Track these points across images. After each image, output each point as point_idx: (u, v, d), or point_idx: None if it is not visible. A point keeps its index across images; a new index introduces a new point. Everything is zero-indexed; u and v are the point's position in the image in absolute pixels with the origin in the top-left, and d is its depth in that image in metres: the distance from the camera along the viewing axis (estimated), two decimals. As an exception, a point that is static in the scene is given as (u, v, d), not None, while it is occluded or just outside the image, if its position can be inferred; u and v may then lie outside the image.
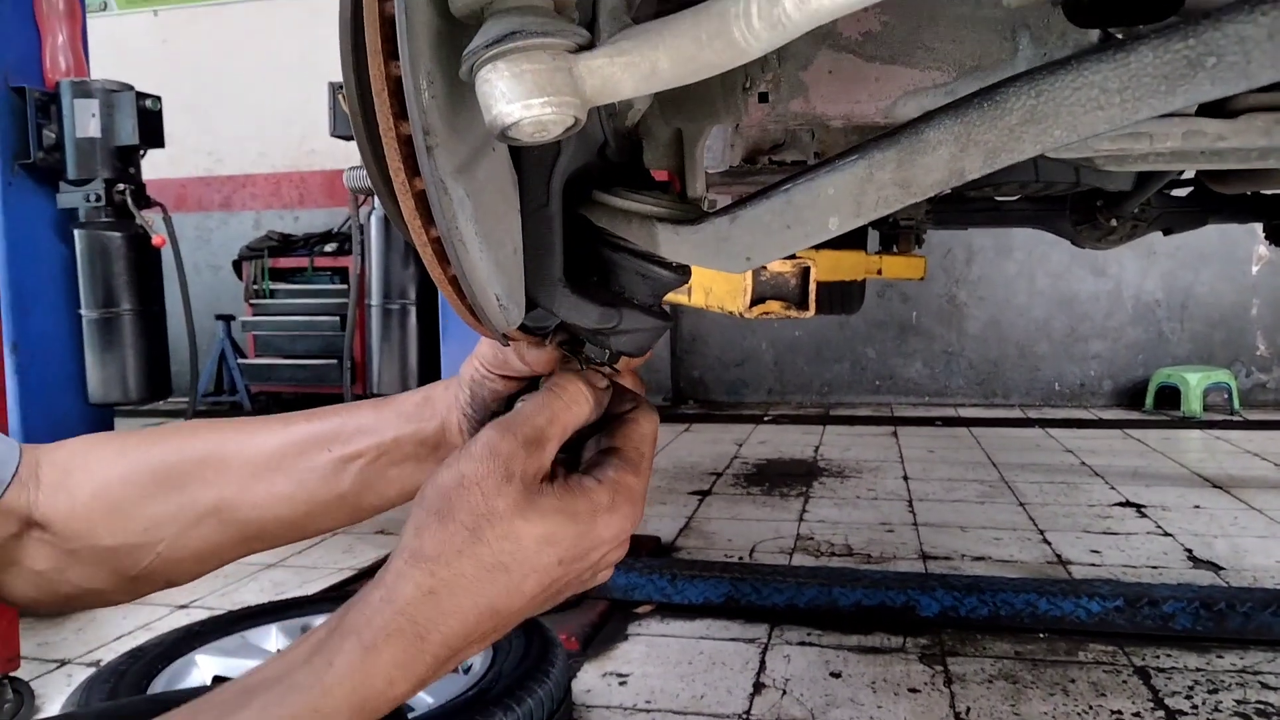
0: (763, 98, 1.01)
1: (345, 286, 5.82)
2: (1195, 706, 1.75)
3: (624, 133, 0.57)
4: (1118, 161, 1.19)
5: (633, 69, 0.39)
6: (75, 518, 0.63)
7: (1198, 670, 1.90)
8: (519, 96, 0.38)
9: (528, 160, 0.50)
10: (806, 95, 1.01)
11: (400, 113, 0.42)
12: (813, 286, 1.32)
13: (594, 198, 0.52)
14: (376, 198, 2.56)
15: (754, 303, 1.28)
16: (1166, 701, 1.77)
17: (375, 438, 0.65)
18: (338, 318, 5.73)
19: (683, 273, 0.53)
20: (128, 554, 0.64)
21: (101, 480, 0.64)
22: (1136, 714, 1.72)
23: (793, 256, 1.30)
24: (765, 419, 5.51)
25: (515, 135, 0.40)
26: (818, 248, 2.11)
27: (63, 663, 2.08)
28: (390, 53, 0.41)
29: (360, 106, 0.47)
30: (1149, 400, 5.43)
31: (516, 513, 0.46)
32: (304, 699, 0.43)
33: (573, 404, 0.52)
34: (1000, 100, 0.42)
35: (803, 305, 1.31)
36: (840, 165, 0.45)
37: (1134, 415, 5.33)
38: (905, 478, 3.73)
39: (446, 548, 0.46)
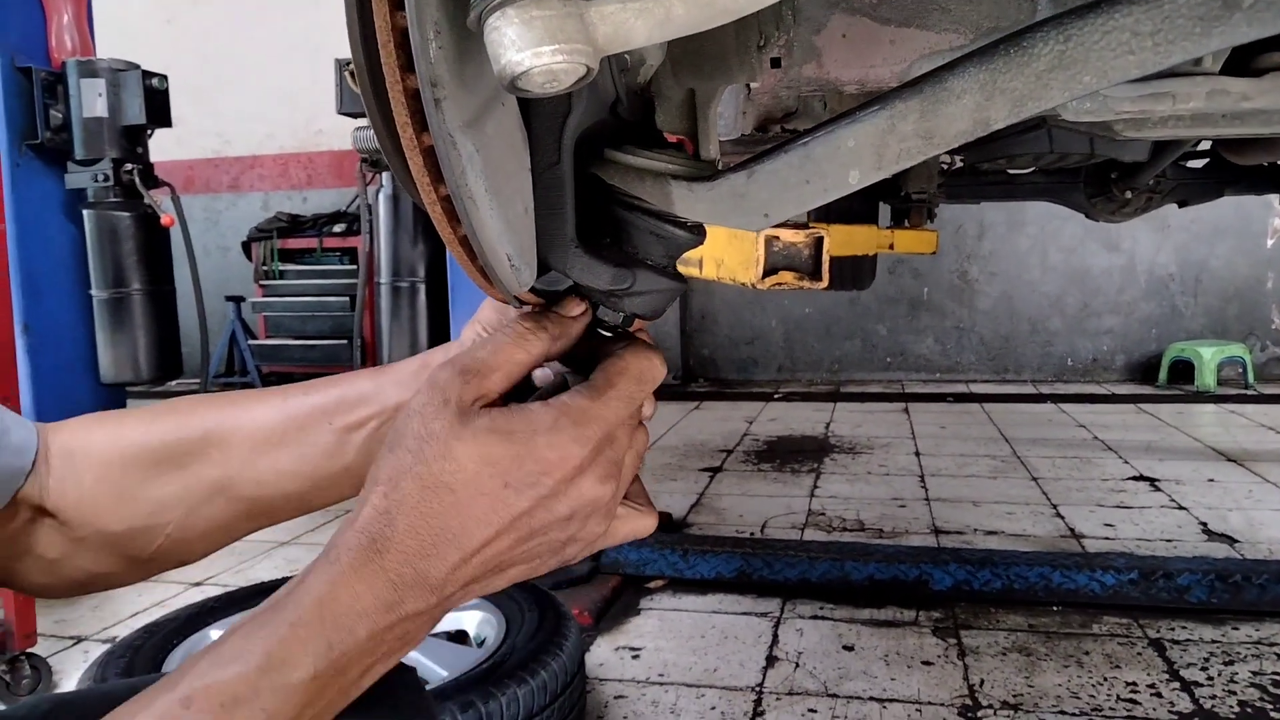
0: (775, 63, 0.99)
1: (354, 266, 5.81)
2: (1211, 678, 1.74)
3: (636, 90, 0.56)
4: (1136, 126, 1.16)
5: (646, 15, 0.38)
6: (83, 504, 0.62)
7: (1213, 642, 1.89)
8: (529, 44, 0.37)
9: (538, 116, 0.49)
10: (820, 60, 0.99)
11: (407, 65, 0.41)
12: (826, 257, 1.30)
13: (606, 156, 0.51)
14: (385, 167, 2.54)
15: (766, 273, 1.27)
16: (1182, 673, 1.76)
17: (376, 406, 0.64)
18: (347, 298, 5.73)
19: (698, 232, 0.52)
20: (136, 537, 0.63)
21: (103, 463, 0.63)
22: (1151, 685, 1.72)
23: (805, 226, 1.28)
24: (776, 396, 5.50)
25: (525, 86, 0.38)
26: (829, 221, 2.08)
27: (79, 639, 2.10)
28: (396, 2, 0.40)
29: (365, 61, 0.46)
30: (1162, 375, 5.40)
31: (450, 434, 0.47)
32: (281, 615, 0.45)
33: (521, 339, 0.51)
34: (1027, 46, 0.41)
35: (816, 276, 1.29)
36: (861, 117, 0.43)
37: (1147, 390, 5.29)
38: (917, 453, 3.72)
39: (395, 470, 0.48)
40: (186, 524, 0.64)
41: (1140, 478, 3.21)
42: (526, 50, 0.37)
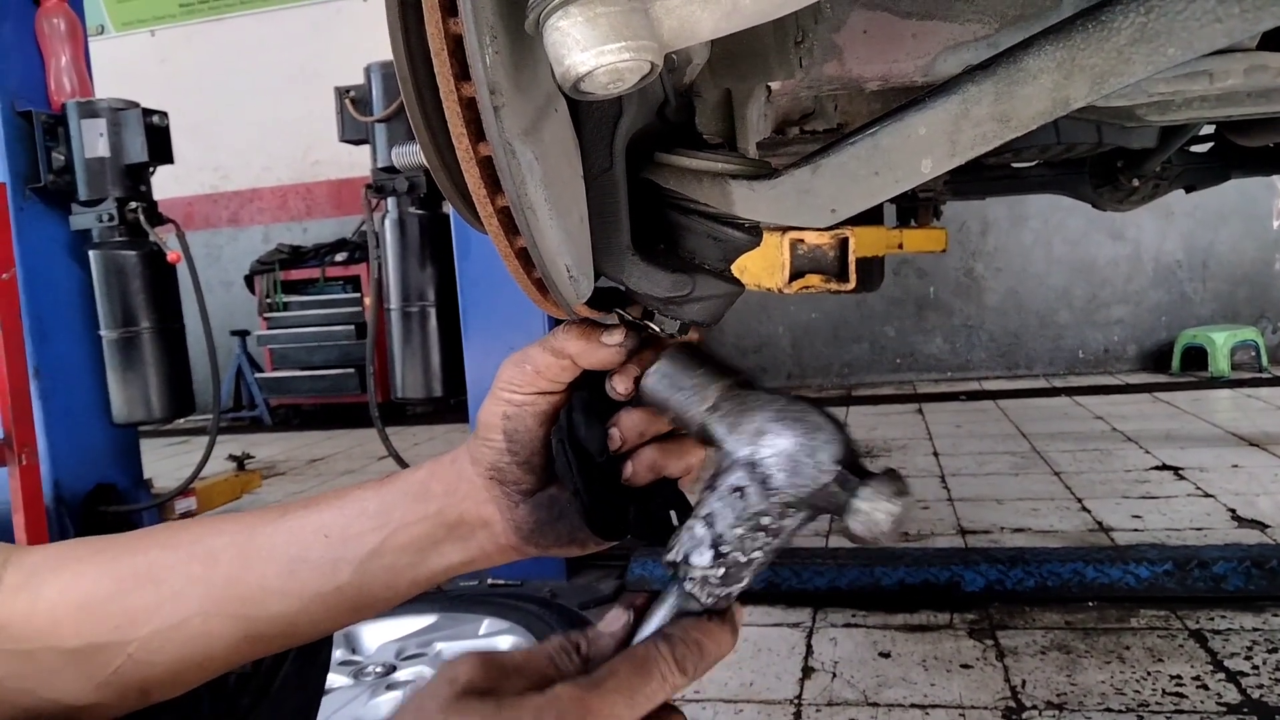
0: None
1: (358, 295, 5.81)
2: (1256, 667, 1.71)
3: (682, 91, 0.54)
4: (1161, 110, 1.14)
5: (713, 6, 0.37)
6: (36, 616, 0.58)
7: (1255, 630, 1.86)
8: (593, 43, 0.35)
9: (589, 122, 0.47)
10: (841, 58, 0.97)
11: (462, 74, 0.40)
12: (852, 258, 1.28)
13: (658, 159, 0.50)
14: (391, 193, 2.53)
15: (793, 277, 1.25)
16: (1226, 663, 1.73)
17: (377, 520, 0.60)
18: (352, 326, 5.73)
19: (755, 233, 0.50)
20: (94, 654, 0.58)
21: (72, 577, 0.59)
22: (1196, 677, 1.69)
23: (831, 227, 1.26)
24: (787, 403, 5.47)
25: (588, 88, 0.37)
26: (837, 224, 2.06)
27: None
28: (449, 9, 0.39)
29: (411, 73, 0.44)
30: (1175, 362, 5.36)
31: (440, 714, 0.45)
32: None
33: (553, 656, 0.49)
34: (1106, 20, 0.39)
35: (843, 277, 1.27)
36: (931, 103, 0.42)
37: (1161, 378, 5.26)
38: (935, 454, 3.69)
39: None
40: (153, 645, 0.58)
41: (1163, 467, 3.18)
42: (591, 50, 0.35)
